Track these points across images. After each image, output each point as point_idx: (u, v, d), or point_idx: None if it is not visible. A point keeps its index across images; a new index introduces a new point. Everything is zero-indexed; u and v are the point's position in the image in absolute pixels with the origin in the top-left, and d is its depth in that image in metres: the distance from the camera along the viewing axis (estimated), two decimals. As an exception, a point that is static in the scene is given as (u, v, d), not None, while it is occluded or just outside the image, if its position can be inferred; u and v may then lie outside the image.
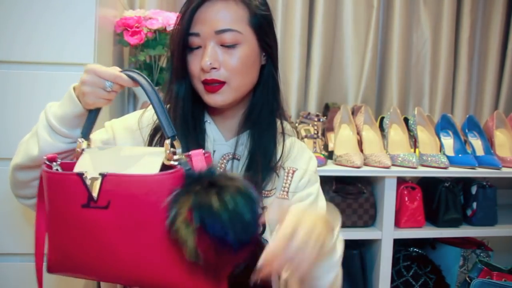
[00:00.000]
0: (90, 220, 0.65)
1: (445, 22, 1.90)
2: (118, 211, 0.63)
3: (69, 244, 0.67)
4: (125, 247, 0.64)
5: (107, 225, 0.64)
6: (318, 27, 1.81)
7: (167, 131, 0.66)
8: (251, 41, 0.81)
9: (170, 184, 0.62)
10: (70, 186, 0.66)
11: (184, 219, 0.58)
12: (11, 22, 1.06)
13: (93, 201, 0.64)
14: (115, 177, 0.65)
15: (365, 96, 1.86)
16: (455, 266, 1.60)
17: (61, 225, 0.68)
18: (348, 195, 1.44)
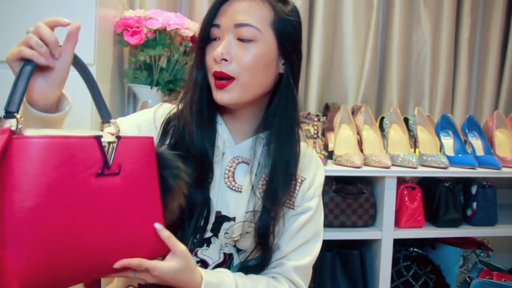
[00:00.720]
0: (103, 190, 0.58)
1: (445, 22, 1.90)
2: (126, 176, 0.61)
3: (77, 231, 0.54)
4: (134, 215, 0.62)
5: (118, 193, 0.60)
6: (318, 27, 1.81)
7: (102, 114, 0.70)
8: (270, 43, 0.79)
9: (151, 147, 0.67)
10: (84, 152, 0.56)
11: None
12: (10, 22, 1.06)
13: (107, 168, 0.59)
14: (127, 140, 0.63)
15: (365, 96, 1.86)
16: (455, 266, 1.60)
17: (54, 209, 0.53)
18: (348, 195, 1.44)
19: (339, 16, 1.87)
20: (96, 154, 0.57)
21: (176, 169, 0.70)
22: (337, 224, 1.44)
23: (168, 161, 0.70)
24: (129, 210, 0.61)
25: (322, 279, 1.48)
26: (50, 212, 0.52)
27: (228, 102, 0.79)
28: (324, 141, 1.60)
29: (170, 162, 0.70)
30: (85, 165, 0.56)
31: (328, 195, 1.43)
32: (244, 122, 0.86)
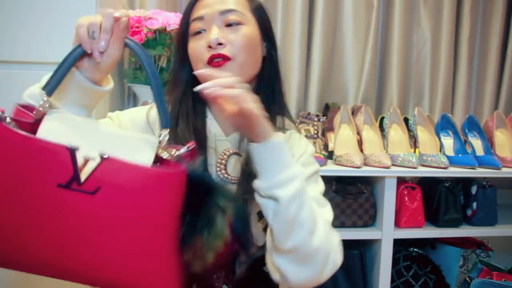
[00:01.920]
0: (64, 203, 0.54)
1: (445, 22, 1.90)
2: (108, 201, 0.54)
3: (21, 228, 0.55)
4: (104, 242, 0.55)
5: (89, 213, 0.54)
6: (318, 27, 1.81)
7: (162, 119, 0.61)
8: (253, 26, 0.84)
9: (174, 184, 0.56)
10: (49, 158, 0.53)
11: (228, 224, 0.59)
12: (14, 23, 1.07)
13: (76, 183, 0.54)
14: (116, 163, 0.55)
15: (365, 96, 1.86)
16: (455, 266, 1.60)
17: (13, 203, 0.54)
18: (348, 195, 1.44)
19: (339, 16, 1.87)
20: (67, 165, 0.54)
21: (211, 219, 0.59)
22: (337, 224, 1.44)
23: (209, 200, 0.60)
24: (102, 237, 0.55)
25: (322, 279, 1.48)
26: (6, 201, 0.54)
27: None
28: (324, 141, 1.60)
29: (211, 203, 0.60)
30: (49, 172, 0.53)
31: (328, 195, 1.42)
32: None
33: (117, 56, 0.64)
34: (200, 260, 0.58)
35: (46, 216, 0.54)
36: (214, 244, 0.58)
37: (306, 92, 1.85)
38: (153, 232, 0.56)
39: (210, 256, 0.58)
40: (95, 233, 0.55)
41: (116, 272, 0.56)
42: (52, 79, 0.59)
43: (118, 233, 0.55)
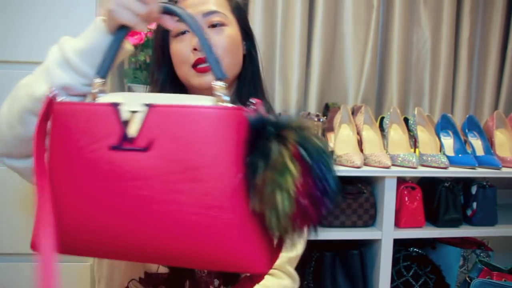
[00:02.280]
0: (122, 167, 0.49)
1: (445, 22, 1.90)
2: (162, 155, 0.48)
3: (84, 207, 0.50)
4: (162, 205, 0.48)
5: (143, 174, 0.48)
6: (318, 27, 1.81)
7: (216, 72, 0.54)
8: (235, 26, 0.85)
9: (234, 122, 0.49)
10: (96, 121, 0.50)
11: (291, 156, 0.46)
12: (16, 23, 1.07)
13: (127, 142, 0.49)
14: (166, 109, 0.49)
15: (365, 96, 1.86)
16: (455, 266, 1.59)
17: (72, 180, 0.51)
18: (348, 195, 1.44)
19: (339, 16, 1.87)
20: (114, 124, 0.49)
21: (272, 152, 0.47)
22: (337, 224, 1.44)
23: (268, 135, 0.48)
24: (167, 199, 0.48)
25: (322, 279, 1.48)
26: (63, 180, 0.52)
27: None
28: (324, 141, 1.59)
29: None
30: (99, 135, 0.49)
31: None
32: None
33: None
34: (272, 207, 0.46)
35: (107, 186, 0.49)
36: (280, 181, 0.45)
37: (306, 92, 1.85)
38: (224, 183, 0.48)
39: (283, 200, 0.45)
40: (157, 196, 0.48)
41: (190, 243, 0.49)
42: (105, 61, 0.57)
43: (183, 191, 0.48)
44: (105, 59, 0.57)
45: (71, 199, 0.51)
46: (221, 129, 0.48)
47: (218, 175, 0.48)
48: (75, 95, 0.62)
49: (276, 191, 0.45)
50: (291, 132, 0.48)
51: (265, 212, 0.47)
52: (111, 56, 0.57)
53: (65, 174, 0.52)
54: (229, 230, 0.48)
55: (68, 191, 0.52)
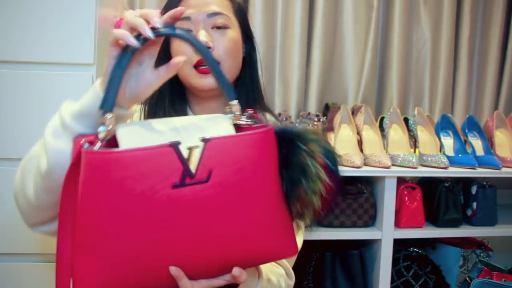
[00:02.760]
0: (184, 202, 0.52)
1: (445, 22, 1.90)
2: (220, 182, 0.54)
3: (152, 246, 0.52)
4: (226, 225, 0.54)
5: (206, 203, 0.53)
6: (318, 27, 1.81)
7: (229, 93, 0.61)
8: (237, 28, 0.85)
9: (269, 141, 0.58)
10: (156, 163, 0.51)
11: (320, 166, 0.59)
12: (16, 23, 1.07)
13: (189, 177, 0.52)
14: (219, 141, 0.55)
15: (365, 96, 1.86)
16: (455, 266, 1.59)
17: (138, 224, 0.51)
18: (348, 195, 1.44)
19: (339, 16, 1.87)
20: (174, 163, 0.52)
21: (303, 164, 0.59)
22: (337, 224, 1.44)
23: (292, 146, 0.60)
24: (226, 220, 0.54)
25: (322, 279, 1.48)
26: (118, 227, 0.51)
27: (215, 86, 0.80)
28: (324, 141, 1.59)
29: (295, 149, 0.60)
30: (159, 177, 0.51)
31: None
32: (213, 112, 0.87)
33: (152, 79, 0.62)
34: (309, 208, 0.60)
35: (171, 224, 0.52)
36: (315, 187, 0.58)
37: (306, 92, 1.85)
38: (267, 194, 0.57)
39: (317, 201, 0.59)
40: (219, 218, 0.54)
41: (247, 250, 0.57)
42: (108, 94, 0.56)
43: (240, 209, 0.55)
44: (109, 89, 0.56)
45: (125, 246, 0.52)
46: (261, 150, 0.57)
47: (265, 189, 0.57)
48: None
49: (313, 195, 0.59)
50: (315, 145, 0.59)
51: (304, 211, 0.60)
52: (116, 86, 0.56)
53: (115, 223, 0.51)
54: (274, 231, 0.58)
55: (120, 239, 0.51)
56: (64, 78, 1.08)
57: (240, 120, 0.60)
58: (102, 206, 0.51)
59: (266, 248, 0.58)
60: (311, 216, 0.61)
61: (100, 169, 0.51)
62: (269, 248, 0.59)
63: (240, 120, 0.60)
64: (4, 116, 1.08)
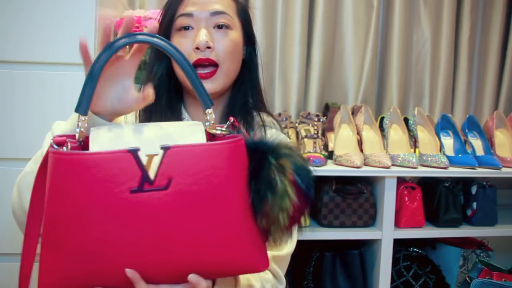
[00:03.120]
0: (141, 207, 0.53)
1: (445, 22, 1.90)
2: (180, 190, 0.54)
3: (105, 247, 0.54)
4: (185, 233, 0.54)
5: (165, 209, 0.54)
6: (318, 27, 1.81)
7: (205, 101, 0.61)
8: (239, 29, 0.84)
9: (236, 152, 0.57)
10: (114, 167, 0.53)
11: (289, 183, 0.57)
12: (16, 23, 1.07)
13: (148, 183, 0.53)
14: (180, 149, 0.55)
15: (365, 96, 1.86)
16: (455, 266, 1.59)
17: (92, 224, 0.53)
18: (348, 195, 1.44)
19: (339, 16, 1.87)
20: (133, 168, 0.53)
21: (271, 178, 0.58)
22: (337, 224, 1.44)
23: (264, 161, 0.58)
24: (185, 227, 0.55)
25: (322, 279, 1.48)
26: (81, 225, 0.53)
27: (213, 91, 0.80)
28: (324, 141, 1.60)
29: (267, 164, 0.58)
30: (117, 181, 0.53)
31: (328, 195, 1.43)
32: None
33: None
34: (275, 224, 0.58)
35: (128, 227, 0.53)
36: (282, 204, 0.57)
37: (306, 92, 1.85)
38: (231, 206, 0.57)
39: (284, 217, 0.57)
40: (179, 226, 0.54)
41: (209, 260, 0.56)
42: (82, 97, 0.57)
43: (200, 218, 0.55)
44: (83, 94, 0.57)
45: (86, 243, 0.54)
46: (227, 161, 0.56)
47: (229, 200, 0.56)
48: None
49: (279, 212, 0.57)
50: (287, 160, 0.58)
51: (270, 227, 0.58)
52: (90, 90, 0.58)
53: (77, 220, 0.53)
54: (240, 244, 0.58)
55: (81, 236, 0.53)
56: (64, 78, 1.08)
57: (214, 129, 0.60)
58: (65, 205, 0.53)
59: (230, 260, 0.57)
60: (279, 233, 0.59)
61: (63, 169, 0.53)
62: (234, 260, 0.58)
63: (215, 129, 0.60)
64: (4, 116, 1.08)
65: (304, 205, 0.59)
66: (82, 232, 0.53)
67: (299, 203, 0.58)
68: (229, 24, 0.81)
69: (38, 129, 1.08)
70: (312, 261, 1.50)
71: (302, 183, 0.58)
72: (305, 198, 0.59)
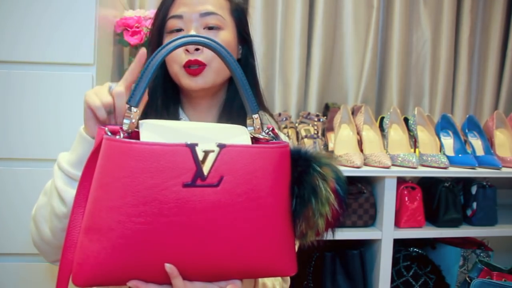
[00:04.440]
0: (193, 202, 0.53)
1: (445, 22, 1.90)
2: (230, 189, 0.55)
3: (157, 239, 0.54)
4: (229, 231, 0.55)
5: (213, 207, 0.54)
6: (318, 27, 1.81)
7: (252, 107, 0.63)
8: (232, 29, 0.83)
9: (283, 157, 0.60)
10: (171, 160, 0.53)
11: (330, 190, 0.60)
12: (12, 22, 1.06)
13: (201, 179, 0.54)
14: (234, 149, 0.56)
15: (365, 96, 1.86)
16: (455, 266, 1.59)
17: (147, 215, 0.53)
18: (348, 195, 1.44)
19: (339, 16, 1.87)
20: (189, 163, 0.54)
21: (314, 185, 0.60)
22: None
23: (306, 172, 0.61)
24: (230, 227, 0.56)
25: (322, 279, 1.48)
26: (128, 214, 0.53)
27: (203, 86, 0.80)
28: (324, 141, 1.60)
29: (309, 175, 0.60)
30: (171, 174, 0.53)
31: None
32: (207, 114, 0.87)
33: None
34: (313, 229, 0.61)
35: (176, 221, 0.53)
36: (322, 210, 0.60)
37: (306, 92, 1.85)
38: (274, 209, 0.58)
39: (321, 223, 0.60)
40: (223, 224, 0.55)
41: (246, 260, 0.58)
42: (136, 91, 0.59)
43: (244, 219, 0.56)
44: (137, 87, 0.59)
45: (129, 233, 0.53)
46: (276, 164, 0.59)
47: (272, 203, 0.58)
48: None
49: (320, 218, 0.60)
50: (328, 169, 0.61)
51: (307, 232, 0.61)
52: (144, 84, 0.59)
53: (122, 209, 0.53)
54: (277, 246, 0.59)
55: (125, 225, 0.53)
56: (63, 78, 1.08)
57: (259, 134, 0.63)
58: (113, 192, 0.53)
59: (265, 262, 0.59)
60: (313, 238, 0.62)
61: (117, 156, 0.53)
62: (269, 263, 0.59)
63: (260, 134, 0.63)
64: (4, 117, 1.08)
65: (341, 213, 0.62)
66: (126, 221, 0.53)
67: (338, 210, 0.61)
68: (220, 24, 0.81)
69: (34, 129, 1.08)
70: (312, 261, 1.50)
71: (341, 191, 0.62)
72: (342, 206, 0.62)
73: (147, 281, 0.57)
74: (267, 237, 0.58)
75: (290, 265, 0.61)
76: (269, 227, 0.58)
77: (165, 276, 0.56)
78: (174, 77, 0.83)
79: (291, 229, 0.61)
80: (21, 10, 1.07)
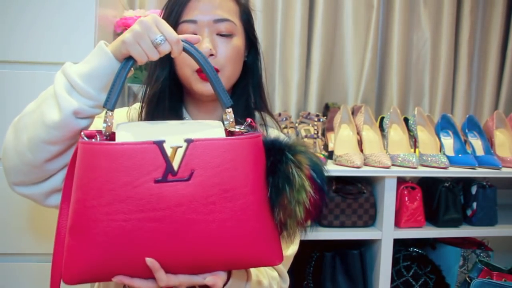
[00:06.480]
0: (165, 197, 0.56)
1: (445, 22, 1.90)
2: (201, 182, 0.57)
3: (131, 236, 0.56)
4: (205, 224, 0.57)
5: (186, 200, 0.56)
6: (318, 27, 1.81)
7: (225, 101, 0.65)
8: (241, 34, 0.84)
9: (255, 148, 0.61)
10: (138, 159, 0.56)
11: (306, 177, 0.61)
12: (9, 21, 1.07)
13: (171, 174, 0.56)
14: (202, 143, 0.57)
15: (365, 96, 1.86)
16: (455, 266, 1.59)
17: (112, 212, 0.56)
18: (348, 195, 1.44)
19: (339, 16, 1.87)
20: (158, 159, 0.56)
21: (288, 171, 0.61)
22: (337, 224, 1.44)
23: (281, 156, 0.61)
24: (205, 219, 0.57)
25: (322, 279, 1.48)
26: (106, 213, 0.55)
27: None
28: (324, 141, 1.60)
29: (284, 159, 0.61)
30: (143, 171, 0.56)
31: (328, 195, 1.43)
32: (212, 115, 0.87)
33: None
34: (292, 217, 0.61)
35: (151, 216, 0.56)
36: (298, 197, 0.60)
37: (306, 92, 1.85)
38: (250, 199, 0.59)
39: (300, 210, 0.60)
40: (199, 217, 0.57)
41: (227, 251, 0.59)
42: (111, 94, 0.61)
43: (220, 210, 0.57)
44: (112, 90, 0.61)
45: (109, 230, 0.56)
46: (247, 155, 0.59)
47: (248, 193, 0.59)
48: (83, 117, 0.65)
49: (296, 205, 0.60)
50: (303, 156, 0.61)
51: (286, 221, 0.61)
52: (119, 87, 0.61)
53: (101, 208, 0.56)
54: (258, 236, 0.60)
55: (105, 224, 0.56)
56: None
57: (233, 128, 0.64)
58: (91, 192, 0.56)
59: (248, 252, 0.60)
60: (294, 227, 0.62)
61: (90, 158, 0.56)
62: (252, 253, 0.60)
63: (234, 127, 0.64)
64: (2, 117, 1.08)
65: (319, 200, 0.62)
66: (106, 219, 0.55)
67: (315, 197, 0.61)
68: (232, 30, 0.81)
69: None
70: (312, 261, 1.50)
71: (317, 178, 0.62)
72: (320, 192, 0.62)
73: (132, 276, 0.59)
74: (247, 227, 0.59)
75: (275, 254, 0.62)
76: (247, 217, 0.59)
77: (148, 270, 0.58)
78: (185, 80, 0.82)
79: (271, 219, 0.62)
80: (30, 11, 1.07)
